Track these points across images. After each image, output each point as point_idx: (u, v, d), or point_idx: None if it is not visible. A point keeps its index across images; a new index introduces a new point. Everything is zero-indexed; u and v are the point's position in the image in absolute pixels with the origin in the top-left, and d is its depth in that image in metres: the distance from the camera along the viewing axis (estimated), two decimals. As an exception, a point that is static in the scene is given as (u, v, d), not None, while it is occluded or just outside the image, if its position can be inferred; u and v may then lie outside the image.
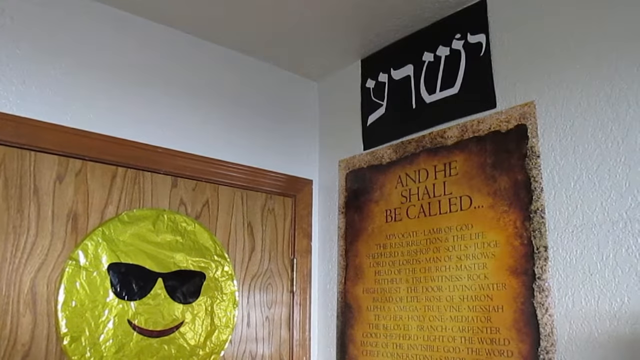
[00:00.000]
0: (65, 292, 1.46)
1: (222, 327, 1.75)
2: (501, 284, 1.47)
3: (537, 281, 1.39)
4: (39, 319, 1.43)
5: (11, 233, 1.42)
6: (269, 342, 1.89)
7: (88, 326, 1.48)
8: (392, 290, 1.76)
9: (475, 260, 1.54)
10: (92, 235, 1.54)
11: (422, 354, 1.63)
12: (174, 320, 1.65)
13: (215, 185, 1.85)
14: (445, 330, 1.58)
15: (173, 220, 1.71)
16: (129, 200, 1.64)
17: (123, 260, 1.58)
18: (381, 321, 1.78)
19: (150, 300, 1.61)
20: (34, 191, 1.48)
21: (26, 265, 1.43)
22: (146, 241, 1.64)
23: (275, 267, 1.96)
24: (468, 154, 1.63)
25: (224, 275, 1.79)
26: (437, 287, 1.63)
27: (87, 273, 1.51)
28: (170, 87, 1.80)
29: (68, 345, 1.44)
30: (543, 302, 1.37)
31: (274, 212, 2.00)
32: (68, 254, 1.50)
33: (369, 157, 1.95)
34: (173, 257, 1.68)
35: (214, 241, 1.79)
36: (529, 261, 1.42)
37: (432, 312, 1.63)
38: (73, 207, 1.53)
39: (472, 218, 1.58)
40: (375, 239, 1.86)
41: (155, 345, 1.60)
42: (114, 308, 1.54)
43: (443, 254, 1.63)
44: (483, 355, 1.47)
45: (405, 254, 1.75)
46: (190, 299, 1.70)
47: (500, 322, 1.45)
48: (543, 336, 1.36)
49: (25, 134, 1.47)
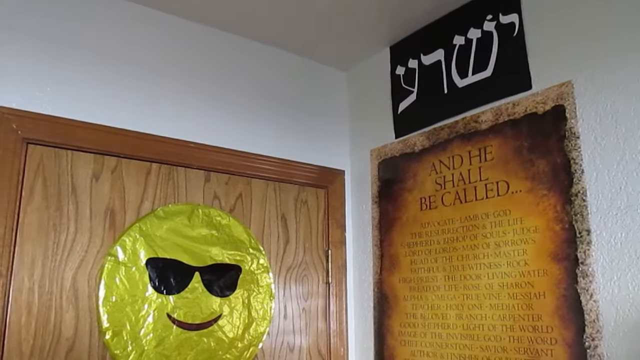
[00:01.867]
0: (105, 288, 1.49)
1: (259, 319, 1.76)
2: (542, 270, 1.43)
3: (581, 266, 1.35)
4: (81, 314, 1.45)
5: (52, 231, 1.45)
6: (306, 334, 1.90)
7: (129, 320, 1.51)
8: (429, 279, 1.74)
9: (515, 247, 1.51)
10: (130, 231, 1.56)
11: (462, 343, 1.61)
12: (212, 314, 1.66)
13: (247, 178, 1.85)
14: (485, 319, 1.55)
15: (207, 215, 1.72)
16: (164, 196, 1.66)
17: (160, 255, 1.60)
18: (418, 311, 1.76)
19: (188, 294, 1.62)
20: (72, 189, 1.50)
21: (67, 262, 1.46)
22: (182, 236, 1.65)
23: (310, 259, 1.96)
24: (503, 138, 1.59)
25: (259, 268, 1.80)
26: (475, 275, 1.60)
27: (126, 268, 1.53)
28: (200, 83, 1.81)
29: (110, 339, 1.47)
30: (587, 287, 1.33)
31: (307, 204, 2.00)
32: (107, 250, 1.52)
33: (401, 145, 1.93)
34: (209, 250, 1.69)
35: (248, 234, 1.80)
36: (570, 246, 1.38)
37: (470, 300, 1.60)
38: (110, 204, 1.55)
39: (510, 203, 1.54)
40: (410, 227, 1.84)
41: (195, 338, 1.61)
42: (153, 302, 1.56)
43: (480, 241, 1.60)
44: (525, 343, 1.44)
45: (441, 242, 1.72)
46: (227, 292, 1.71)
47: (542, 309, 1.42)
48: (588, 323, 1.32)
49: (61, 133, 1.49)
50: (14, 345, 1.35)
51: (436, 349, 1.68)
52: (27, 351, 1.36)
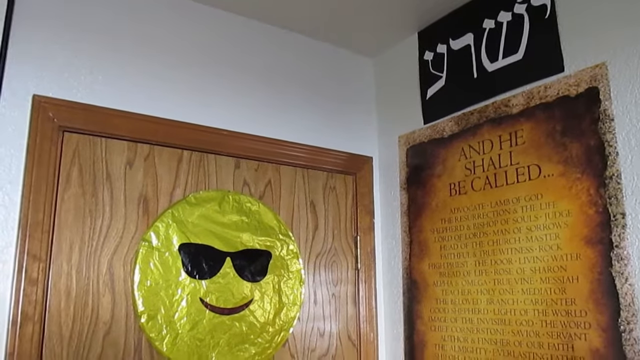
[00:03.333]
0: (140, 272, 1.52)
1: (289, 304, 1.78)
2: (575, 254, 1.42)
3: (615, 249, 1.33)
4: (118, 299, 1.49)
5: (88, 217, 1.49)
6: (336, 319, 1.91)
7: (163, 304, 1.54)
8: (459, 265, 1.73)
9: (547, 231, 1.49)
10: (162, 217, 1.59)
11: (493, 328, 1.60)
12: (244, 298, 1.68)
13: (276, 165, 1.87)
14: (517, 304, 1.55)
15: (238, 201, 1.74)
16: (195, 183, 1.68)
17: (192, 241, 1.62)
18: (449, 296, 1.76)
19: (220, 279, 1.65)
20: (106, 176, 1.53)
21: (103, 247, 1.49)
22: (213, 222, 1.68)
23: (339, 245, 1.97)
24: (535, 121, 1.57)
25: (289, 254, 1.81)
26: (506, 260, 1.59)
27: (160, 254, 1.56)
28: (231, 71, 1.83)
29: (145, 323, 1.50)
30: (622, 271, 1.31)
31: (335, 191, 2.00)
32: (141, 235, 1.55)
33: (430, 130, 1.92)
34: (239, 236, 1.72)
35: (278, 220, 1.82)
36: (605, 229, 1.36)
37: (502, 285, 1.59)
38: (143, 191, 1.58)
39: (542, 187, 1.52)
40: (440, 213, 1.83)
41: (227, 322, 1.64)
42: (186, 287, 1.58)
43: (512, 226, 1.59)
44: (558, 327, 1.43)
45: (471, 228, 1.72)
46: (258, 277, 1.73)
47: (575, 293, 1.41)
48: (623, 306, 1.30)
49: (95, 121, 1.53)
50: (54, 328, 1.39)
51: (467, 334, 1.68)
52: (67, 334, 1.40)
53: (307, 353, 1.81)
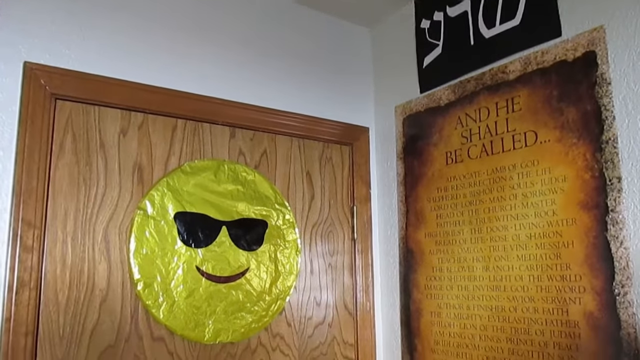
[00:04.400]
0: (135, 241, 1.52)
1: (286, 273, 1.78)
2: (571, 219, 1.42)
3: (611, 214, 1.33)
4: (113, 266, 1.49)
5: (82, 185, 1.48)
6: (333, 289, 1.92)
7: (159, 273, 1.54)
8: (455, 233, 1.74)
9: (543, 197, 1.49)
10: (158, 185, 1.59)
11: (489, 295, 1.61)
12: (240, 267, 1.69)
13: (272, 135, 1.86)
14: (512, 270, 1.55)
15: (233, 170, 1.73)
16: (190, 152, 1.67)
17: (188, 210, 1.62)
18: (444, 264, 1.76)
19: (216, 247, 1.65)
20: (100, 145, 1.52)
21: (98, 215, 1.49)
22: (209, 191, 1.67)
23: (336, 215, 1.97)
24: (532, 87, 1.55)
25: (285, 224, 1.81)
26: (502, 227, 1.59)
27: (155, 222, 1.56)
28: (225, 40, 1.80)
29: (142, 290, 1.51)
30: (617, 235, 1.31)
31: (331, 161, 1.99)
32: (136, 204, 1.55)
33: (426, 99, 1.90)
34: (235, 206, 1.71)
35: (273, 190, 1.81)
36: (600, 194, 1.36)
37: (497, 252, 1.60)
38: (138, 159, 1.58)
39: (538, 154, 1.52)
40: (436, 182, 1.83)
41: (224, 290, 1.64)
42: (182, 255, 1.59)
43: (508, 193, 1.59)
44: (553, 292, 1.44)
45: (467, 196, 1.71)
46: (254, 247, 1.73)
47: (570, 258, 1.41)
48: (618, 270, 1.30)
49: (88, 89, 1.51)
50: (50, 295, 1.39)
51: (462, 301, 1.69)
52: (63, 301, 1.41)
53: (304, 321, 1.82)
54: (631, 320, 1.27)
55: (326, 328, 1.87)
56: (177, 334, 1.55)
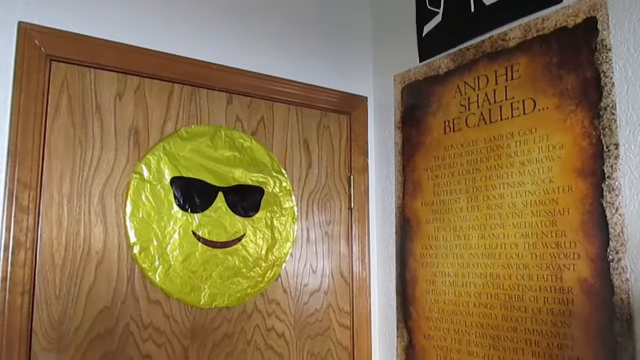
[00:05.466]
0: (132, 204, 1.52)
1: (282, 240, 1.79)
2: (567, 186, 1.41)
3: (607, 180, 1.33)
4: (110, 229, 1.49)
5: (78, 147, 1.47)
6: (329, 257, 1.92)
7: (155, 236, 1.54)
8: (452, 202, 1.74)
9: (540, 165, 1.49)
10: (154, 150, 1.58)
11: (484, 262, 1.61)
12: (236, 233, 1.69)
13: (269, 102, 1.84)
14: (508, 238, 1.55)
15: (230, 136, 1.73)
16: (187, 117, 1.67)
17: (184, 175, 1.62)
18: (440, 233, 1.76)
19: (212, 212, 1.65)
20: (96, 108, 1.51)
21: (94, 178, 1.49)
22: (205, 156, 1.67)
23: (333, 184, 1.97)
24: (531, 55, 1.54)
25: (282, 191, 1.81)
26: (498, 195, 1.59)
27: (151, 186, 1.56)
28: (222, 5, 1.78)
29: (138, 253, 1.51)
30: (613, 201, 1.31)
31: (329, 130, 1.99)
32: (132, 168, 1.54)
33: (425, 68, 1.89)
34: (232, 172, 1.71)
35: (270, 157, 1.81)
36: (597, 161, 1.36)
37: (493, 220, 1.60)
38: (134, 123, 1.57)
39: (536, 121, 1.51)
40: (434, 151, 1.82)
41: (220, 255, 1.65)
42: (178, 220, 1.59)
43: (505, 161, 1.58)
44: (548, 259, 1.44)
45: (465, 164, 1.71)
46: (251, 213, 1.73)
47: (566, 225, 1.41)
48: (612, 236, 1.31)
49: (84, 51, 1.49)
50: (46, 256, 1.40)
51: (457, 269, 1.69)
52: (59, 262, 1.41)
53: (300, 288, 1.83)
54: (624, 286, 1.28)
55: (322, 295, 1.88)
56: (173, 297, 1.56)
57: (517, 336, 1.50)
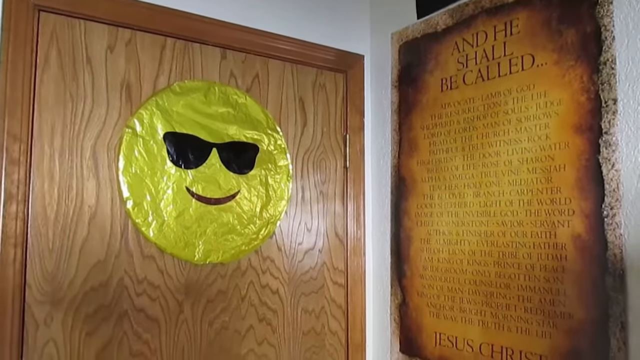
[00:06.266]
0: (124, 159, 1.50)
1: (276, 198, 1.78)
2: (564, 142, 1.40)
3: (604, 136, 1.32)
4: (102, 184, 1.48)
5: (69, 100, 1.45)
6: (324, 216, 1.92)
7: (149, 192, 1.53)
8: (448, 160, 1.72)
9: (537, 121, 1.47)
10: (146, 104, 1.56)
11: (478, 220, 1.61)
12: (230, 190, 1.68)
13: (264, 58, 1.81)
14: (503, 195, 1.55)
15: (224, 92, 1.70)
16: (180, 72, 1.64)
17: (177, 130, 1.60)
18: (435, 192, 1.76)
19: (206, 169, 1.64)
20: (86, 60, 1.48)
21: (85, 132, 1.47)
22: (199, 112, 1.64)
23: (328, 143, 1.95)
24: (531, 9, 1.51)
25: (277, 149, 1.80)
26: (494, 153, 1.58)
27: (144, 141, 1.54)
28: (214, -45, 1.74)
29: (131, 209, 1.50)
30: (609, 157, 1.30)
31: (325, 88, 1.96)
32: (124, 122, 1.52)
33: (423, 25, 1.85)
34: (226, 128, 1.69)
35: (265, 114, 1.78)
36: (595, 117, 1.34)
37: (489, 177, 1.59)
38: (126, 77, 1.54)
39: (534, 77, 1.49)
40: (430, 110, 1.80)
41: (214, 212, 1.64)
42: (171, 176, 1.57)
43: (502, 118, 1.57)
44: (542, 216, 1.44)
45: (461, 122, 1.69)
46: (245, 170, 1.72)
47: (561, 181, 1.40)
48: (608, 192, 1.30)
49: (73, 1, 1.46)
50: (38, 209, 1.39)
51: (452, 227, 1.69)
52: (52, 216, 1.40)
53: (294, 246, 1.83)
54: (618, 241, 1.28)
55: (316, 254, 1.89)
56: (166, 252, 1.56)
57: (510, 293, 1.51)
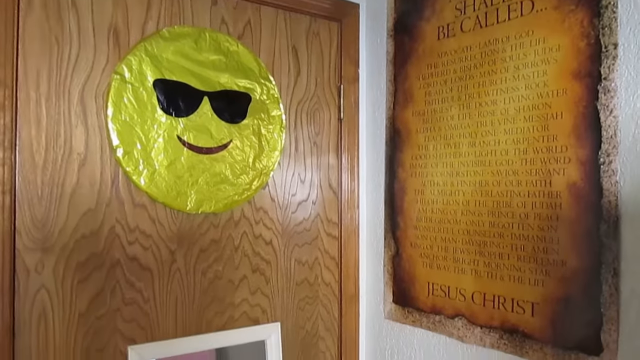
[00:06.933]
0: (113, 106, 1.47)
1: (269, 149, 1.76)
2: (562, 89, 1.38)
3: (603, 82, 1.29)
4: (91, 131, 1.45)
5: (55, 45, 1.40)
6: (317, 168, 1.90)
7: (139, 140, 1.50)
8: (443, 110, 1.70)
9: (535, 68, 1.44)
10: (135, 51, 1.51)
11: (473, 170, 1.60)
12: (222, 139, 1.65)
13: (256, 5, 1.75)
14: (498, 144, 1.53)
15: (215, 39, 1.65)
16: (169, 17, 1.58)
17: (167, 77, 1.56)
18: (431, 142, 1.74)
19: (198, 118, 1.60)
20: (72, 3, 1.43)
21: (72, 77, 1.43)
22: (189, 59, 1.60)
23: (322, 94, 1.91)
24: (532, -48, 1.46)
25: (269, 99, 1.76)
26: (491, 102, 1.55)
27: (133, 88, 1.50)
28: None
29: (122, 157, 1.48)
30: (608, 103, 1.28)
31: (319, 37, 1.91)
32: (113, 68, 1.48)
33: (421, -29, 1.80)
34: (217, 76, 1.65)
35: (258, 63, 1.74)
36: (594, 62, 1.31)
37: (484, 127, 1.57)
38: (113, 21, 1.49)
39: (533, 23, 1.45)
40: (426, 59, 1.76)
41: (206, 162, 1.62)
42: (162, 124, 1.54)
43: (499, 66, 1.53)
44: (537, 164, 1.43)
45: (458, 71, 1.66)
46: (237, 119, 1.69)
47: (558, 129, 1.38)
48: (605, 139, 1.28)
49: (56, -61, 1.40)
50: (26, 156, 1.36)
51: (447, 178, 1.68)
52: (40, 162, 1.38)
53: (288, 197, 1.82)
54: (613, 188, 1.27)
55: (310, 205, 1.88)
56: (158, 201, 1.54)
57: (504, 242, 1.51)
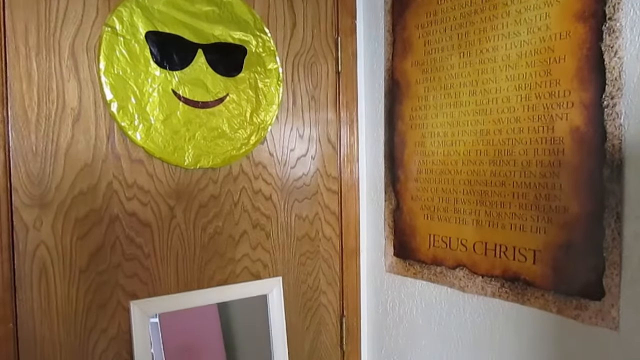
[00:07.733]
0: (105, 60, 1.43)
1: (267, 103, 1.73)
2: (565, 32, 1.34)
3: (608, 22, 1.26)
4: (84, 85, 1.42)
5: (41, -4, 1.36)
6: (316, 122, 1.87)
7: (133, 94, 1.47)
8: (443, 59, 1.66)
9: (537, 11, 1.40)
10: (125, 2, 1.46)
11: (474, 119, 1.57)
12: (219, 93, 1.62)
13: (250, -47, 1.70)
14: (500, 92, 1.50)
15: (208, -10, 1.61)
16: (159, -34, 1.53)
17: (160, 29, 1.52)
18: (430, 93, 1.71)
19: (193, 71, 1.57)
20: (57, -48, 1.38)
21: (62, 30, 1.38)
22: (182, 10, 1.55)
23: (319, 46, 1.87)
24: None
25: (265, 51, 1.72)
26: (492, 48, 1.52)
27: (125, 41, 1.46)
28: None
29: (116, 112, 1.45)
30: (612, 44, 1.25)
31: (315, -13, 1.86)
32: (103, 20, 1.44)
33: None
34: (211, 28, 1.61)
35: (252, 15, 1.69)
36: (599, 2, 1.27)
37: (485, 75, 1.54)
38: (101, -29, 1.44)
39: (536, -36, 1.40)
40: (426, 7, 1.72)
41: (203, 116, 1.59)
42: (156, 78, 1.51)
43: (500, 11, 1.49)
44: (540, 110, 1.40)
45: (457, 18, 1.62)
46: (233, 72, 1.65)
47: (561, 73, 1.35)
48: (609, 81, 1.26)
49: None
50: (18, 111, 1.33)
51: (447, 129, 1.66)
52: (33, 118, 1.35)
53: (286, 152, 1.80)
54: (617, 132, 1.25)
55: (309, 160, 1.86)
56: (155, 156, 1.52)
57: (505, 190, 1.50)
